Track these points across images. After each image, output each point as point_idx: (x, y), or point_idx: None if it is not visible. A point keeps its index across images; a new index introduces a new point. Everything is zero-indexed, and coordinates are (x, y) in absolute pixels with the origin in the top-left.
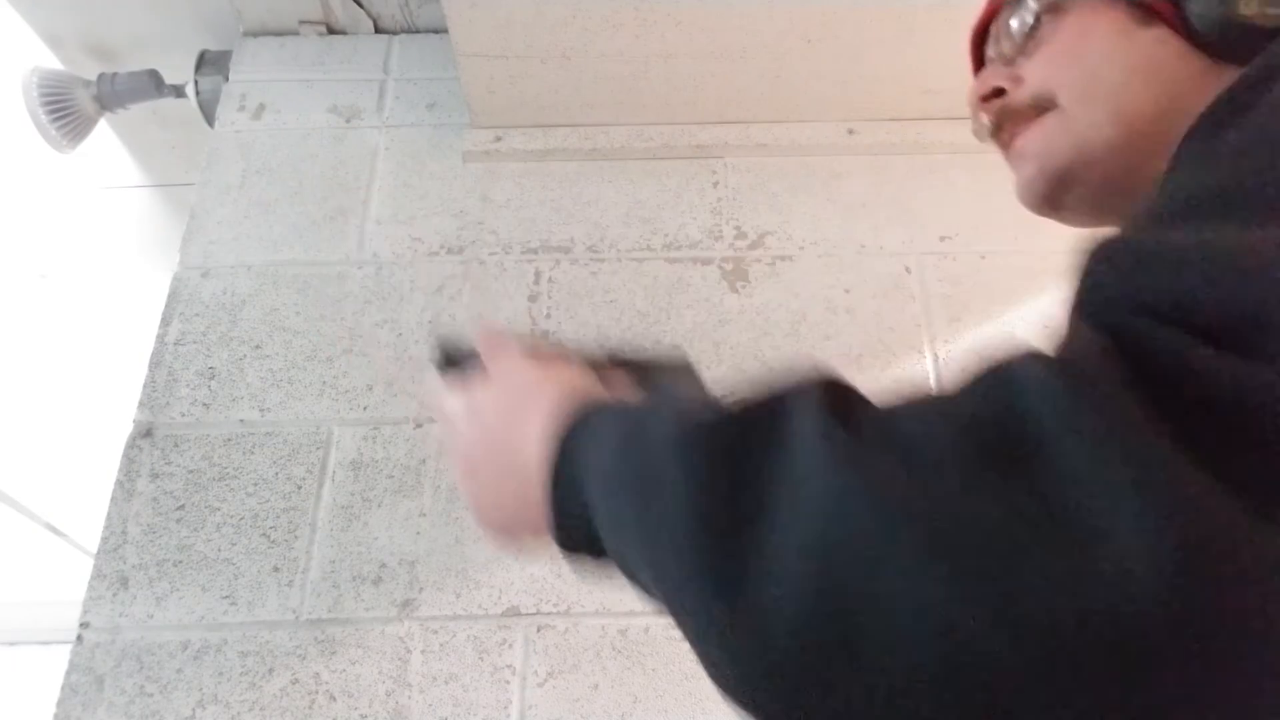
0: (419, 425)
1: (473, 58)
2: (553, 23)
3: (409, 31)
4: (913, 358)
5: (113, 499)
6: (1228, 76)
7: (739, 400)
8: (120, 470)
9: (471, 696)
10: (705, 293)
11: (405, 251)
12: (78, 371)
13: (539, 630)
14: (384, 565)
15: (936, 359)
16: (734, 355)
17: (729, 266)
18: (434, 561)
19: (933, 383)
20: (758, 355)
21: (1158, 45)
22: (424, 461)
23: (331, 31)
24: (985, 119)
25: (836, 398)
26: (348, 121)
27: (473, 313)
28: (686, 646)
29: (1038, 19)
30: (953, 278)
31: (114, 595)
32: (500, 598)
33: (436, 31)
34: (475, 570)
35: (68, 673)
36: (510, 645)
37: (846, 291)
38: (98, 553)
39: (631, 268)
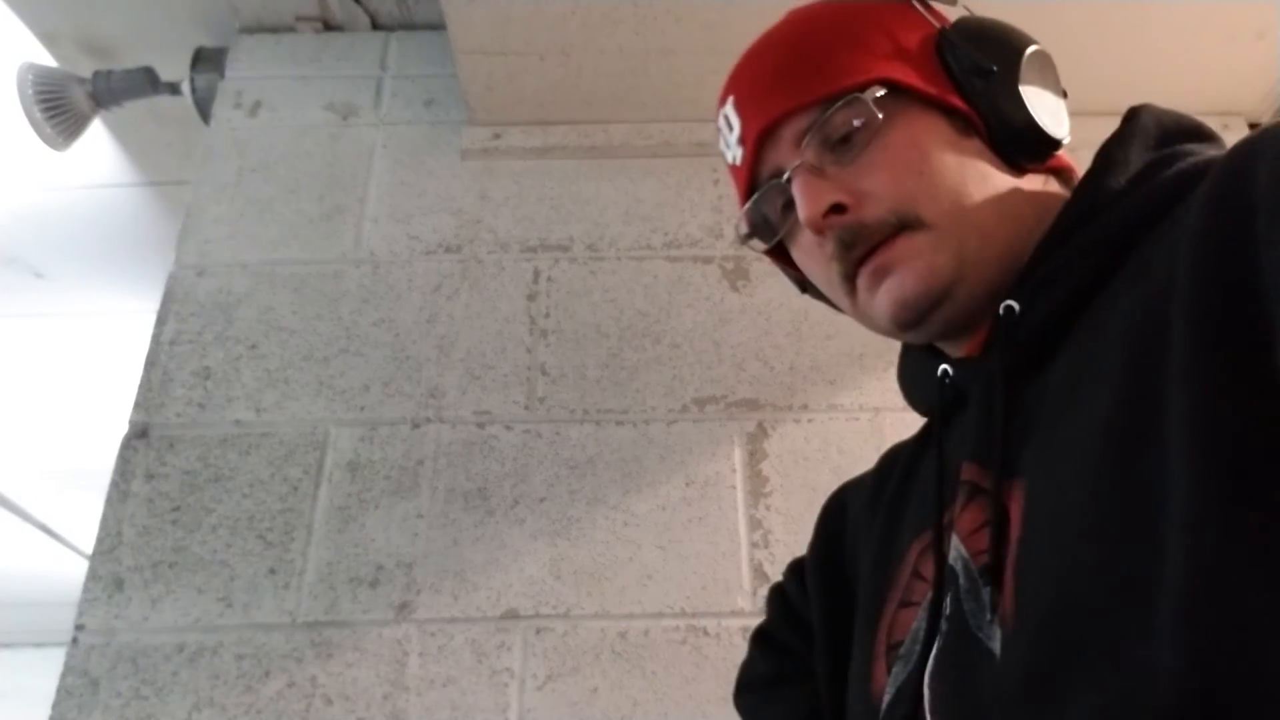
0: (416, 426)
1: (471, 54)
2: (551, 19)
3: (406, 28)
4: None
5: (108, 500)
6: (1030, 184)
7: None
8: (115, 471)
9: (470, 699)
10: (706, 291)
11: (402, 250)
12: (73, 371)
13: (538, 633)
14: (381, 567)
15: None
16: (735, 354)
17: (730, 265)
18: (431, 563)
19: None
20: (759, 355)
21: (980, 155)
22: (421, 462)
23: (328, 28)
24: (825, 241)
25: None
26: (344, 119)
27: (471, 312)
28: (686, 649)
29: (865, 128)
30: None
31: (109, 597)
32: (498, 600)
33: (434, 28)
34: (473, 572)
35: (63, 675)
36: (509, 648)
37: None
38: (93, 554)
39: (631, 266)
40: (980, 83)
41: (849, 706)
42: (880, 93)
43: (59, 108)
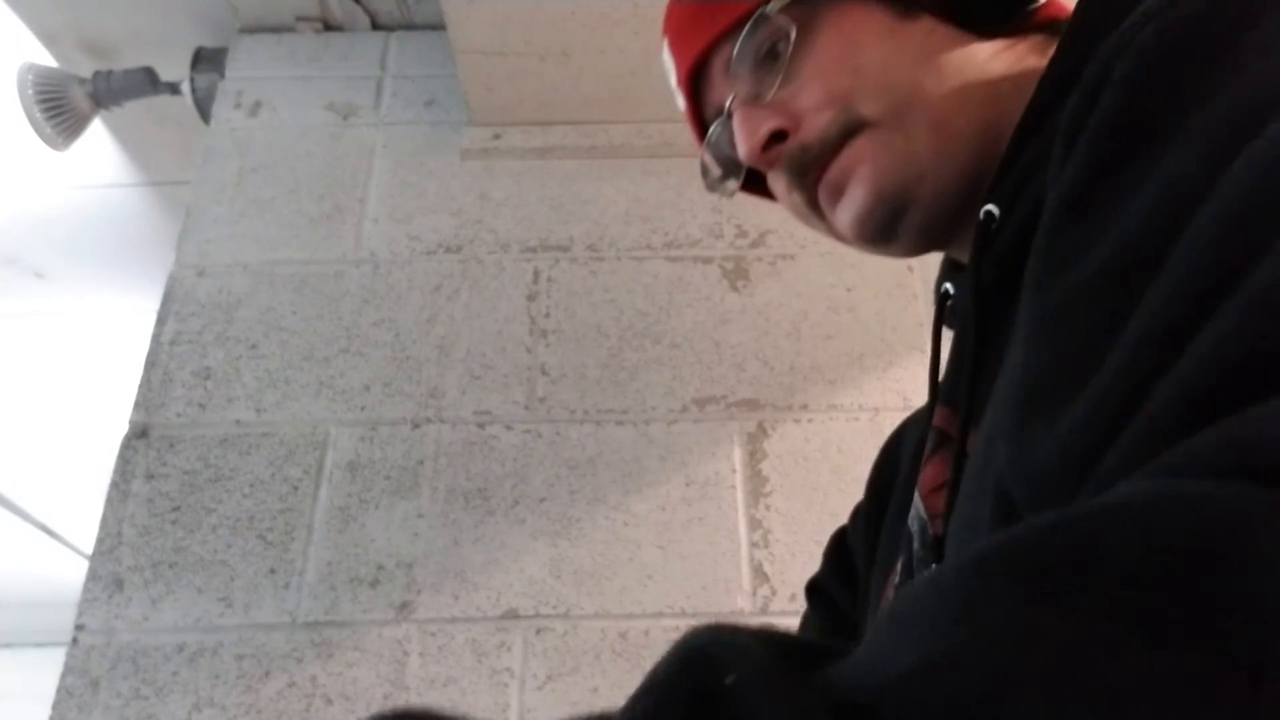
0: (416, 426)
1: (471, 54)
2: (551, 19)
3: (406, 28)
4: (915, 357)
5: (108, 500)
6: (1010, 53)
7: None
8: (115, 471)
9: (470, 699)
10: (706, 292)
11: (403, 250)
12: (73, 371)
13: (538, 633)
14: (381, 567)
15: (939, 358)
16: (735, 355)
17: (730, 265)
18: (432, 563)
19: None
20: (759, 355)
21: (929, 36)
22: (421, 462)
23: (328, 28)
24: (779, 172)
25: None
26: (345, 119)
27: (471, 312)
28: None
29: (787, 41)
30: None
31: (109, 597)
32: (499, 600)
33: (434, 28)
34: (473, 572)
35: (63, 675)
36: (509, 648)
37: (848, 290)
38: (93, 554)
39: (631, 267)
40: None
41: None
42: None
43: (59, 108)
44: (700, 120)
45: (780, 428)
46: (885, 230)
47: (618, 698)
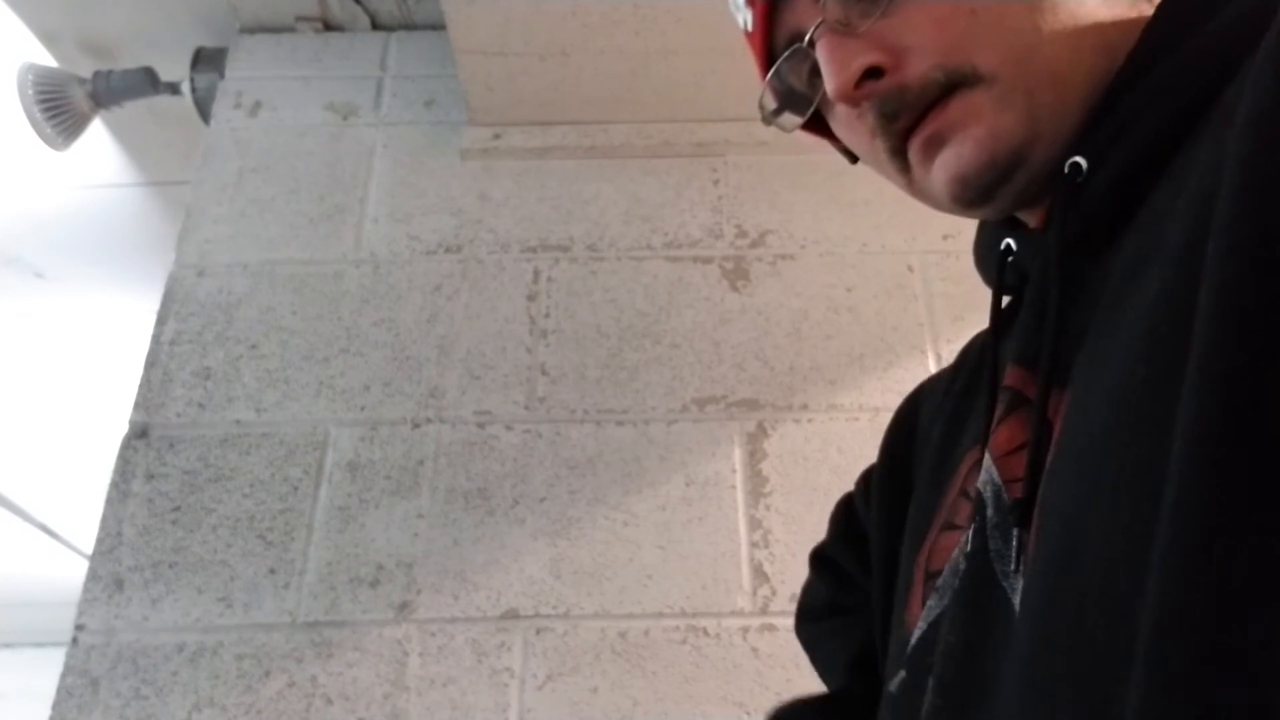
0: (416, 426)
1: (471, 54)
2: (552, 19)
3: (406, 28)
4: (915, 357)
5: (108, 500)
6: (1124, 1)
7: None
8: (115, 471)
9: (470, 699)
10: (706, 292)
11: (403, 250)
12: (73, 371)
13: (538, 633)
14: (381, 567)
15: (939, 359)
16: (735, 355)
17: (730, 265)
18: (432, 563)
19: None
20: (759, 355)
21: None
22: (422, 462)
23: (328, 28)
24: (865, 112)
25: None
26: (344, 119)
27: (471, 313)
28: (687, 649)
29: None
30: (956, 276)
31: (109, 597)
32: (499, 600)
33: (434, 28)
34: (473, 572)
35: (63, 675)
36: (509, 648)
37: (848, 290)
38: (93, 554)
39: (631, 266)
40: None
41: (890, 636)
42: None
43: (59, 108)
44: (769, 46)
45: (780, 428)
46: (986, 193)
47: (618, 698)
